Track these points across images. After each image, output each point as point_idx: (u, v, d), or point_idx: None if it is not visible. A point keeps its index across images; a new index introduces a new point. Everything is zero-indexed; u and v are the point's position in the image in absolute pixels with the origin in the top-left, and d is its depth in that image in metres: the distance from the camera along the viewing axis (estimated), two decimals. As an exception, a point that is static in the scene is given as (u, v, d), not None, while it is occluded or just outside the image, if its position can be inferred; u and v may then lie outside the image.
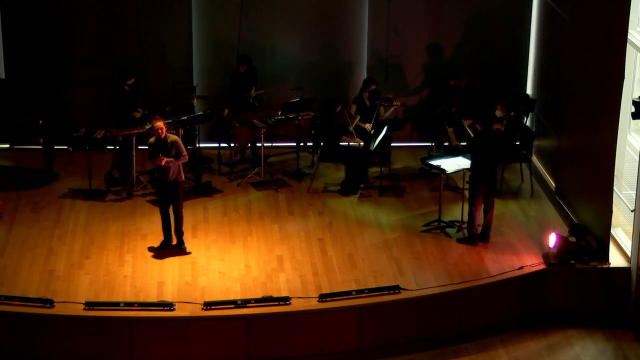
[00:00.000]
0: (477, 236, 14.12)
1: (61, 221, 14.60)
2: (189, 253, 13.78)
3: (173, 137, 13.77)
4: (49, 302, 12.38)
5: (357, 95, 16.56)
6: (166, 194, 13.75)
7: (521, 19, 17.18)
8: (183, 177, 13.81)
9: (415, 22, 17.15)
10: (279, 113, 16.04)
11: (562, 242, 13.56)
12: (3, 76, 16.79)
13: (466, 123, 14.27)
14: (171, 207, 13.80)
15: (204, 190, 15.59)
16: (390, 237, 14.35)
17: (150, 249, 13.89)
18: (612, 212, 13.47)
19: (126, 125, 15.47)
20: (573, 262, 13.47)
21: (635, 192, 13.40)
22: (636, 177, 13.36)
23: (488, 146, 13.91)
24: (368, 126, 15.98)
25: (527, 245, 14.07)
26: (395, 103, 16.55)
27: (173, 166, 13.58)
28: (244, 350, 12.44)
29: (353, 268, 13.53)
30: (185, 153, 13.70)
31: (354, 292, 12.79)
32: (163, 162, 13.50)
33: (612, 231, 13.69)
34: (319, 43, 17.25)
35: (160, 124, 13.58)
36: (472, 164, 14.02)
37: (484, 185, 13.91)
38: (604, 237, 13.54)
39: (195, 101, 16.46)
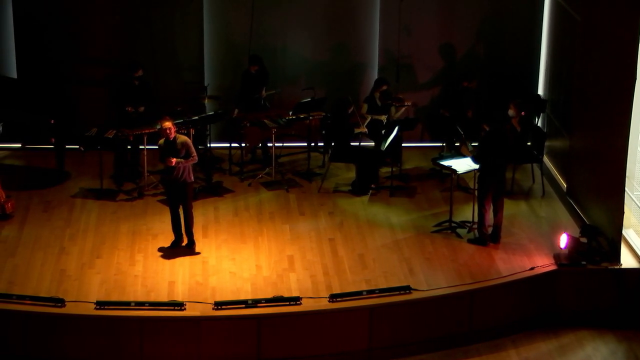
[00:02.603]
0: (487, 237, 14.11)
1: (72, 221, 14.64)
2: (198, 253, 13.79)
3: (183, 137, 13.77)
4: (61, 302, 12.41)
5: (368, 95, 16.56)
6: (176, 194, 13.76)
7: (533, 19, 17.16)
8: (192, 177, 13.82)
9: (427, 22, 17.14)
10: (290, 113, 16.05)
11: (573, 242, 13.53)
12: (15, 76, 16.83)
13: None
14: (181, 207, 13.81)
15: (214, 190, 15.60)
16: (401, 238, 14.35)
17: (161, 248, 13.91)
18: (623, 212, 13.44)
19: (125, 119, 15.48)
20: (584, 262, 13.44)
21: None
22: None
23: (496, 146, 13.89)
24: (384, 118, 16.01)
25: (538, 245, 14.05)
26: (406, 103, 16.54)
27: (183, 167, 13.58)
28: (254, 350, 12.45)
29: (364, 268, 13.52)
30: (194, 154, 13.70)
31: (364, 293, 12.78)
32: (173, 163, 13.50)
33: (623, 232, 13.65)
34: (330, 43, 17.25)
35: (168, 124, 13.57)
36: (480, 165, 13.99)
37: (492, 185, 13.89)
38: (615, 238, 13.50)
39: (206, 101, 16.49)
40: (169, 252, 13.82)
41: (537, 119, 16.78)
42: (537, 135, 16.00)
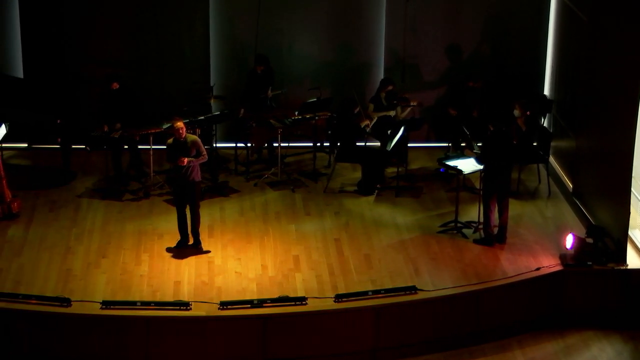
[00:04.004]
0: (493, 237, 14.10)
1: (78, 220, 14.65)
2: (208, 252, 13.78)
3: (192, 137, 13.77)
4: (66, 301, 12.43)
5: (374, 95, 16.55)
6: (183, 194, 13.76)
7: (539, 19, 17.13)
8: (200, 176, 13.83)
9: (433, 23, 17.13)
10: (296, 113, 16.05)
11: (580, 243, 13.51)
12: (22, 76, 16.86)
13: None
14: (188, 206, 13.81)
15: (220, 190, 15.61)
16: (407, 238, 14.34)
17: (167, 248, 13.91)
18: (629, 213, 13.42)
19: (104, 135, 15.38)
20: (590, 263, 13.42)
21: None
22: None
23: (501, 146, 13.87)
24: (392, 113, 16.01)
25: (544, 246, 14.03)
26: (412, 103, 16.53)
27: (192, 166, 13.58)
28: (259, 350, 12.44)
29: (369, 268, 13.52)
30: (205, 153, 13.71)
31: (370, 293, 12.78)
32: (185, 163, 13.49)
33: (629, 232, 13.64)
34: (336, 43, 17.25)
35: (180, 124, 13.57)
36: (485, 165, 13.99)
37: (497, 186, 13.88)
38: (622, 239, 13.49)
39: (212, 101, 16.50)
40: (175, 252, 13.83)
41: (543, 119, 16.76)
42: (543, 136, 15.98)
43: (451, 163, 14.54)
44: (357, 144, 16.12)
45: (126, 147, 15.73)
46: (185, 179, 13.62)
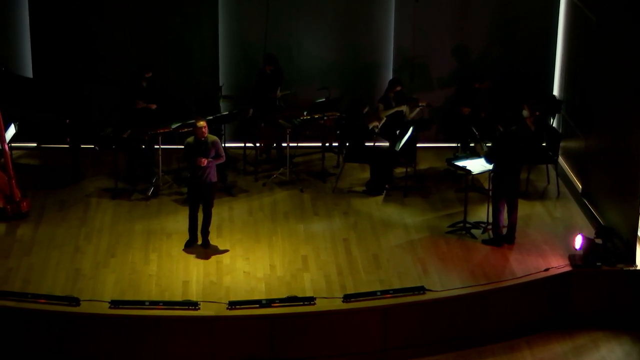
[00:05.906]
0: (502, 237, 14.08)
1: (87, 220, 14.68)
2: (227, 250, 13.76)
3: (213, 137, 13.70)
4: (75, 301, 12.45)
5: (382, 95, 16.54)
6: (198, 194, 13.73)
7: (548, 19, 17.11)
8: (216, 177, 13.79)
9: (442, 23, 17.11)
10: (305, 113, 16.05)
11: (589, 243, 13.49)
12: (31, 75, 16.89)
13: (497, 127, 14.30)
14: (201, 207, 13.78)
15: (229, 190, 15.61)
16: (416, 238, 14.33)
17: (176, 248, 13.92)
18: (639, 213, 13.39)
19: (136, 118, 15.45)
20: (599, 264, 13.40)
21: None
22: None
23: (510, 147, 13.86)
24: (403, 108, 15.98)
25: (553, 246, 14.01)
26: (420, 104, 16.52)
27: (210, 167, 13.55)
28: (268, 350, 12.45)
29: (378, 268, 13.52)
30: (223, 154, 13.67)
31: (378, 293, 12.78)
32: (204, 163, 13.45)
33: (639, 233, 13.61)
34: (345, 43, 17.24)
35: (203, 123, 13.53)
36: (494, 165, 13.97)
37: (506, 186, 13.86)
38: (631, 239, 13.46)
39: (221, 101, 16.50)
40: (184, 252, 13.84)
41: (552, 120, 16.73)
42: (552, 136, 15.95)
43: (460, 163, 14.52)
44: (366, 144, 16.12)
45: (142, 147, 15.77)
46: (201, 180, 13.59)
